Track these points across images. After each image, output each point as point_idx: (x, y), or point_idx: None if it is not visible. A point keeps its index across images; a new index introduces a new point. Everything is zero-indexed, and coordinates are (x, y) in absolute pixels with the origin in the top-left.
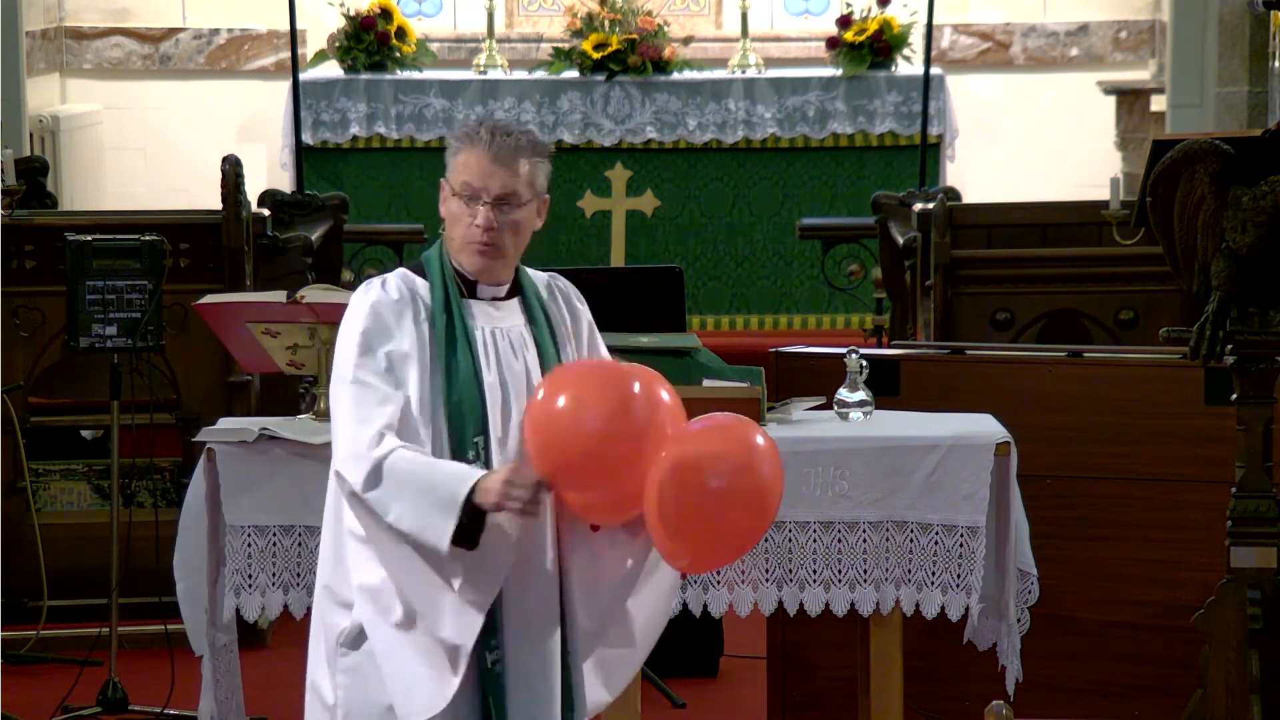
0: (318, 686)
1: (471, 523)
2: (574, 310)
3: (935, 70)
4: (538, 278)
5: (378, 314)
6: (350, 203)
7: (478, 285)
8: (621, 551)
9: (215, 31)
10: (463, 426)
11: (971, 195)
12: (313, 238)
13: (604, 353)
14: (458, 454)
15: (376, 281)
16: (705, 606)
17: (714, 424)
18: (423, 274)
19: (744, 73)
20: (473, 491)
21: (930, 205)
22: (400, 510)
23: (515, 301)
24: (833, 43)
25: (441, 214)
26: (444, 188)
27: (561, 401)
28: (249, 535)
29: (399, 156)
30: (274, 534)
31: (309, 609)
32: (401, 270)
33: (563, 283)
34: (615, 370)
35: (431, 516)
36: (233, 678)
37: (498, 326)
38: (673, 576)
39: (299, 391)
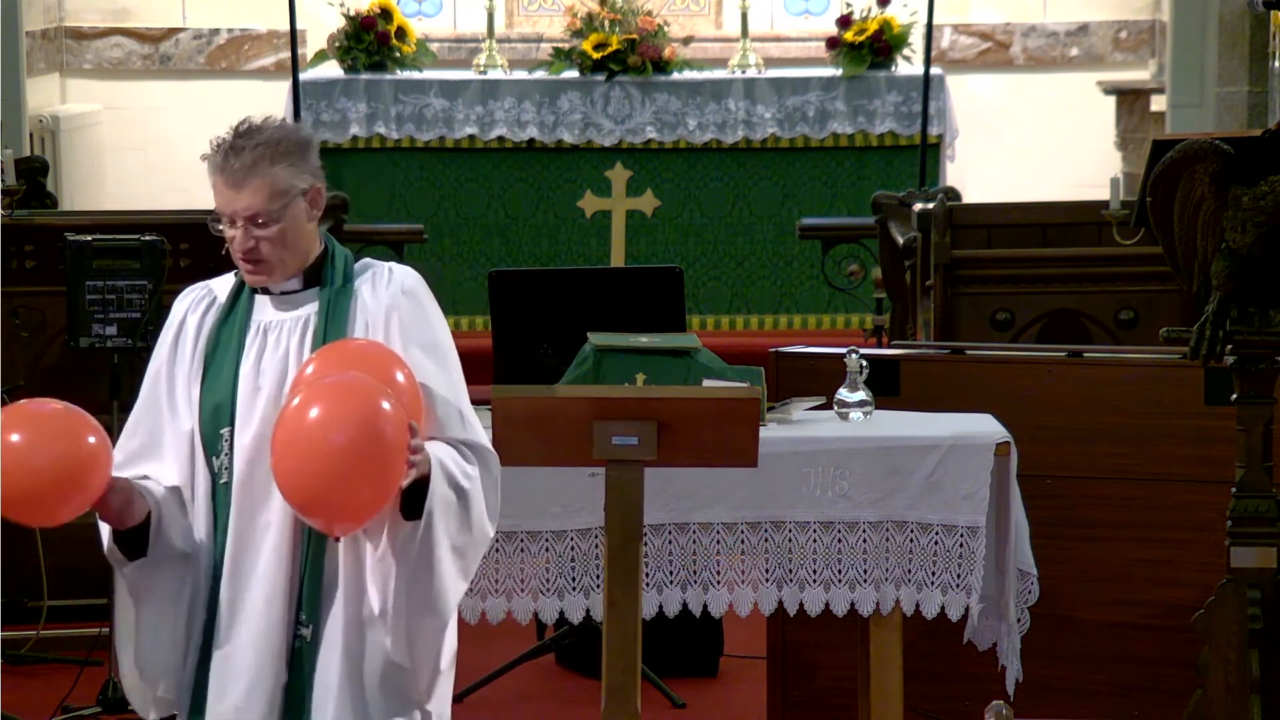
0: None
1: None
2: (385, 299)
3: (935, 70)
4: (370, 267)
5: (166, 325)
6: (350, 203)
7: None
8: (380, 525)
9: (215, 31)
10: (215, 419)
11: (971, 195)
12: None
13: (422, 337)
14: (210, 446)
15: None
16: (705, 606)
17: (338, 382)
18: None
19: (744, 73)
20: None
21: (930, 205)
22: None
23: (312, 292)
24: (833, 43)
25: None
26: None
27: None
28: None
29: (399, 156)
30: None
31: None
32: (231, 272)
33: (397, 272)
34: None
35: None
36: None
37: (277, 319)
38: (437, 543)
39: None
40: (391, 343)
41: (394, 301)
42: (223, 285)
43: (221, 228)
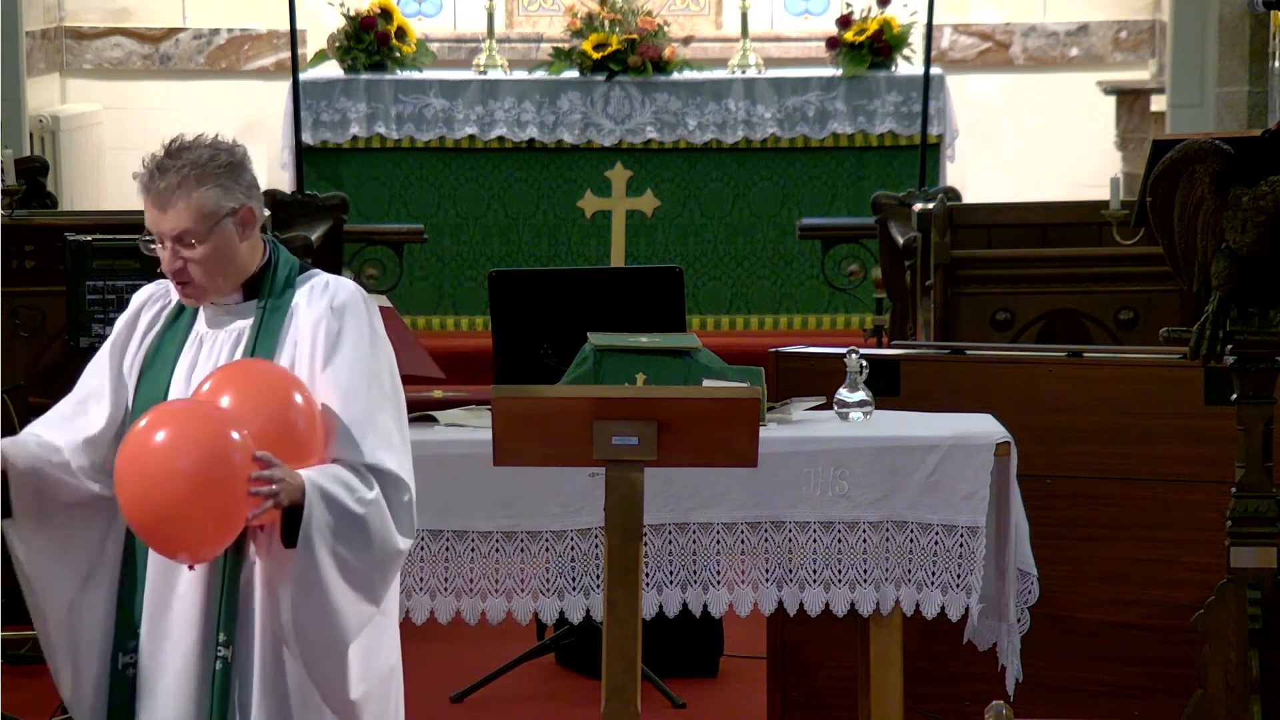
0: None
1: None
2: (315, 313)
3: (935, 70)
4: (312, 278)
5: (121, 319)
6: (350, 203)
7: None
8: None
9: (215, 31)
10: None
11: (971, 195)
12: (313, 238)
13: (343, 355)
14: None
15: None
16: (705, 606)
17: (186, 406)
18: None
19: (744, 73)
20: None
21: (930, 205)
22: None
23: (250, 305)
24: (833, 43)
25: None
26: None
27: None
28: None
29: (399, 156)
30: None
31: None
32: None
33: (333, 286)
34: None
35: None
36: None
37: (214, 331)
38: (343, 567)
39: None
40: (315, 358)
41: (321, 316)
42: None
43: (154, 246)
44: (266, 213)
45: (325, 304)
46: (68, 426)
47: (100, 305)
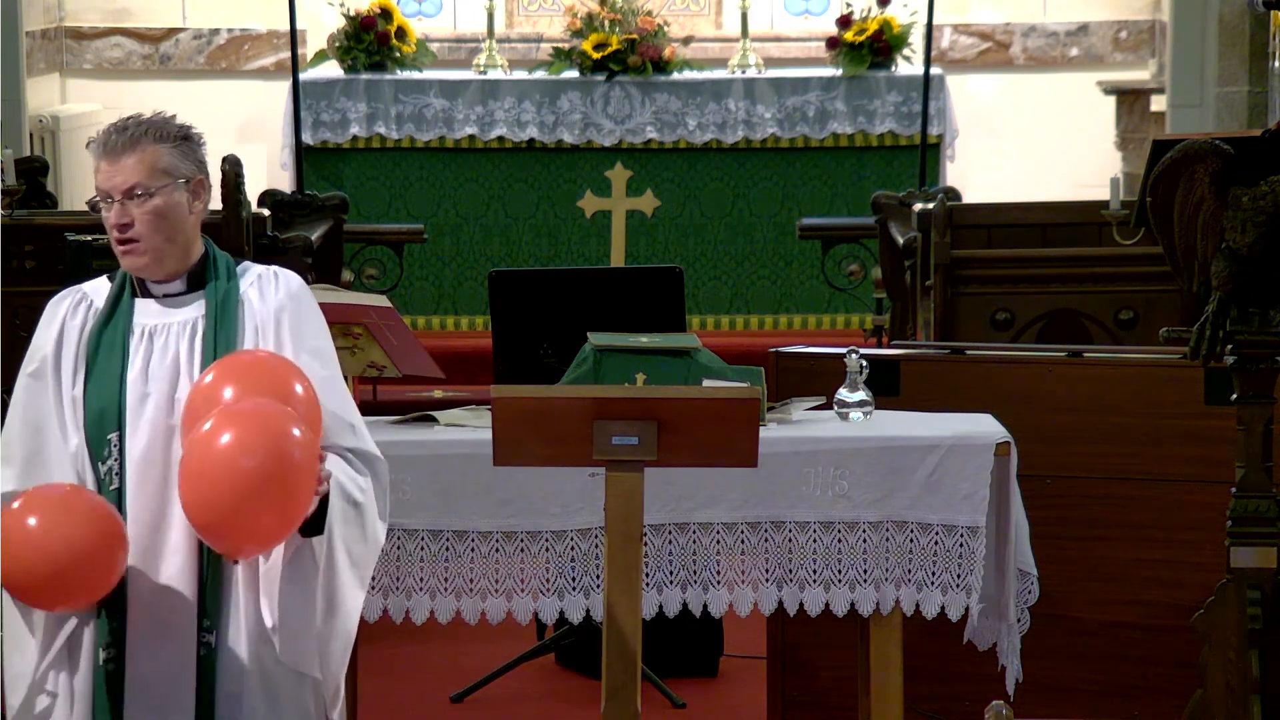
0: None
1: None
2: (267, 302)
3: (935, 70)
4: (249, 270)
5: (40, 328)
6: (350, 203)
7: (147, 284)
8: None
9: (215, 31)
10: (101, 424)
11: (971, 195)
12: (313, 238)
13: (311, 342)
14: (96, 451)
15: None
16: (705, 606)
17: (250, 408)
18: (112, 280)
19: (744, 73)
20: None
21: (930, 205)
22: None
23: (195, 295)
24: (833, 43)
25: None
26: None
27: None
28: None
29: (399, 156)
30: None
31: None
32: (103, 277)
33: (274, 276)
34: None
35: None
36: None
37: (162, 323)
38: (350, 556)
39: None
40: (282, 348)
41: (283, 304)
42: (98, 289)
43: (101, 209)
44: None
45: (284, 293)
46: (37, 474)
47: None
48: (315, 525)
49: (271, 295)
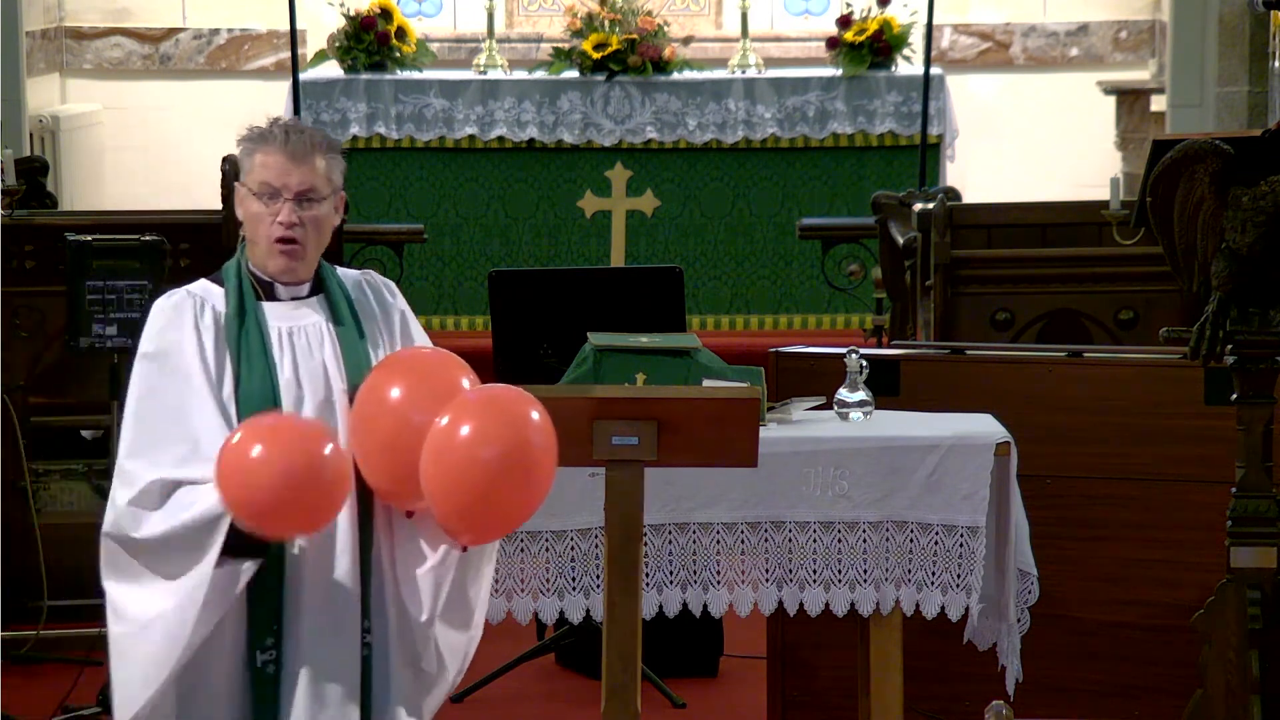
0: None
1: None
2: (384, 304)
3: (935, 70)
4: (347, 275)
5: (161, 327)
6: (350, 203)
7: (275, 287)
8: (438, 535)
9: (215, 31)
10: None
11: (971, 195)
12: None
13: (420, 341)
14: None
15: (163, 297)
16: (705, 606)
17: (487, 397)
18: (220, 283)
19: (744, 73)
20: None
21: (930, 205)
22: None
23: (317, 300)
24: (833, 43)
25: (239, 218)
26: (238, 190)
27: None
28: None
29: (399, 156)
30: None
31: None
32: (200, 281)
33: (375, 278)
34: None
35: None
36: None
37: (295, 325)
38: (489, 554)
39: None
40: (394, 345)
41: (401, 307)
42: (207, 292)
43: (269, 201)
44: None
45: (396, 297)
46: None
47: (100, 305)
48: None
49: (385, 298)
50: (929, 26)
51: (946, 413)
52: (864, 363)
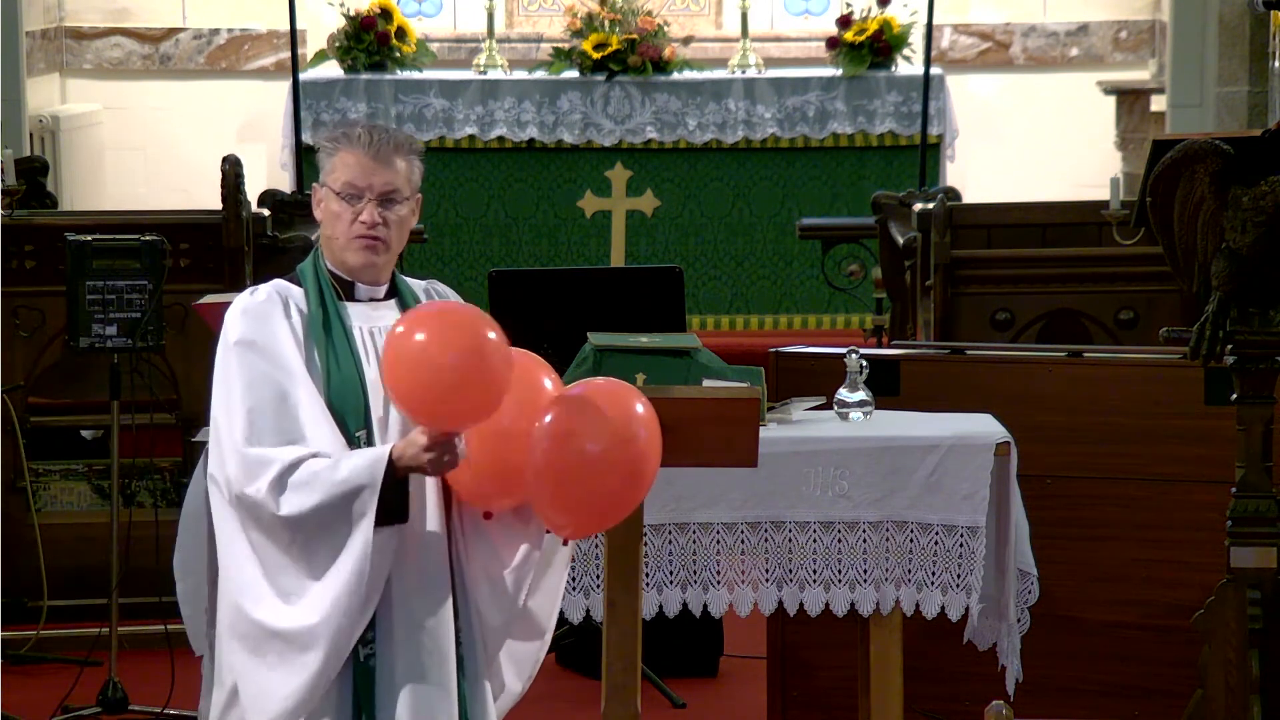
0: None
1: (392, 496)
2: None
3: (935, 70)
4: (415, 283)
5: (254, 320)
6: None
7: (355, 287)
8: (516, 538)
9: (215, 31)
10: (345, 422)
11: (971, 195)
12: (313, 238)
13: None
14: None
15: (246, 292)
16: (705, 606)
17: (594, 389)
18: (298, 283)
19: (744, 73)
20: (390, 462)
21: (930, 205)
22: (306, 497)
23: (393, 302)
24: (833, 43)
25: (317, 217)
26: (318, 191)
27: (418, 336)
28: None
29: None
30: None
31: None
32: (276, 281)
33: (440, 287)
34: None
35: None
36: None
37: (376, 325)
38: (566, 560)
39: None
40: None
41: None
42: (287, 290)
43: (353, 202)
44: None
45: (451, 299)
46: (332, 438)
47: (100, 305)
48: None
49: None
50: (929, 26)
51: (946, 413)
52: (864, 363)
